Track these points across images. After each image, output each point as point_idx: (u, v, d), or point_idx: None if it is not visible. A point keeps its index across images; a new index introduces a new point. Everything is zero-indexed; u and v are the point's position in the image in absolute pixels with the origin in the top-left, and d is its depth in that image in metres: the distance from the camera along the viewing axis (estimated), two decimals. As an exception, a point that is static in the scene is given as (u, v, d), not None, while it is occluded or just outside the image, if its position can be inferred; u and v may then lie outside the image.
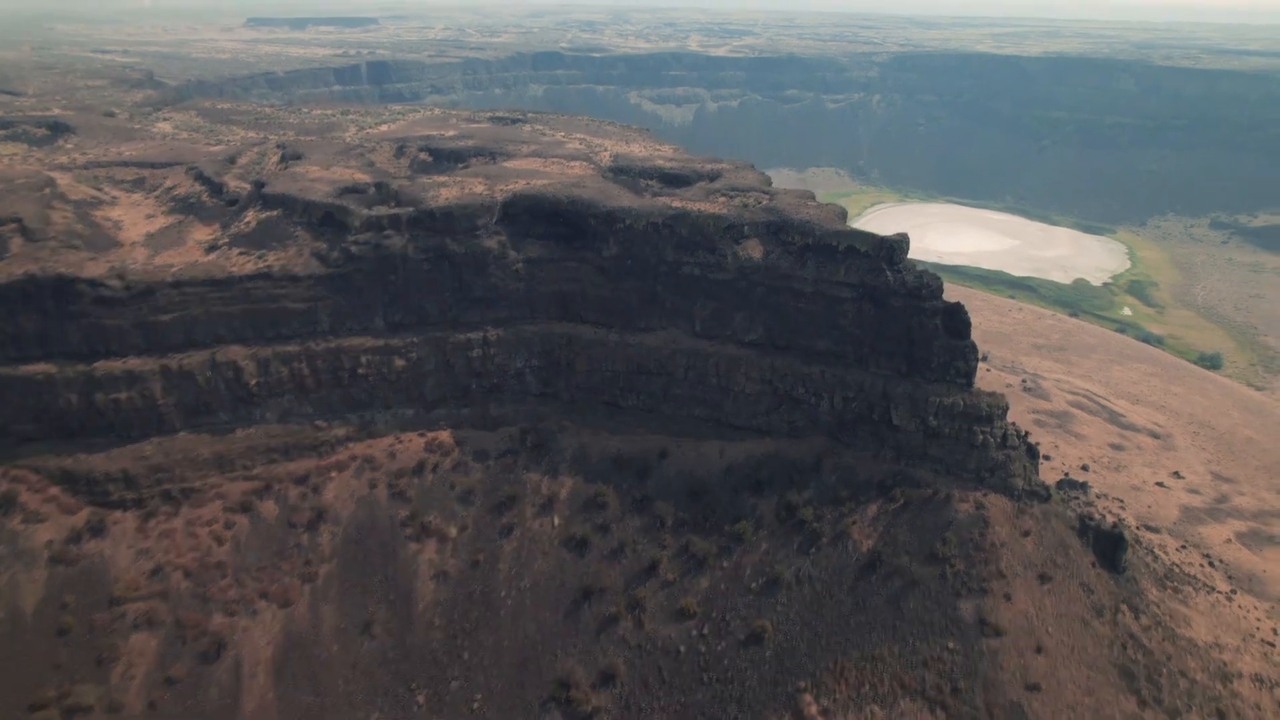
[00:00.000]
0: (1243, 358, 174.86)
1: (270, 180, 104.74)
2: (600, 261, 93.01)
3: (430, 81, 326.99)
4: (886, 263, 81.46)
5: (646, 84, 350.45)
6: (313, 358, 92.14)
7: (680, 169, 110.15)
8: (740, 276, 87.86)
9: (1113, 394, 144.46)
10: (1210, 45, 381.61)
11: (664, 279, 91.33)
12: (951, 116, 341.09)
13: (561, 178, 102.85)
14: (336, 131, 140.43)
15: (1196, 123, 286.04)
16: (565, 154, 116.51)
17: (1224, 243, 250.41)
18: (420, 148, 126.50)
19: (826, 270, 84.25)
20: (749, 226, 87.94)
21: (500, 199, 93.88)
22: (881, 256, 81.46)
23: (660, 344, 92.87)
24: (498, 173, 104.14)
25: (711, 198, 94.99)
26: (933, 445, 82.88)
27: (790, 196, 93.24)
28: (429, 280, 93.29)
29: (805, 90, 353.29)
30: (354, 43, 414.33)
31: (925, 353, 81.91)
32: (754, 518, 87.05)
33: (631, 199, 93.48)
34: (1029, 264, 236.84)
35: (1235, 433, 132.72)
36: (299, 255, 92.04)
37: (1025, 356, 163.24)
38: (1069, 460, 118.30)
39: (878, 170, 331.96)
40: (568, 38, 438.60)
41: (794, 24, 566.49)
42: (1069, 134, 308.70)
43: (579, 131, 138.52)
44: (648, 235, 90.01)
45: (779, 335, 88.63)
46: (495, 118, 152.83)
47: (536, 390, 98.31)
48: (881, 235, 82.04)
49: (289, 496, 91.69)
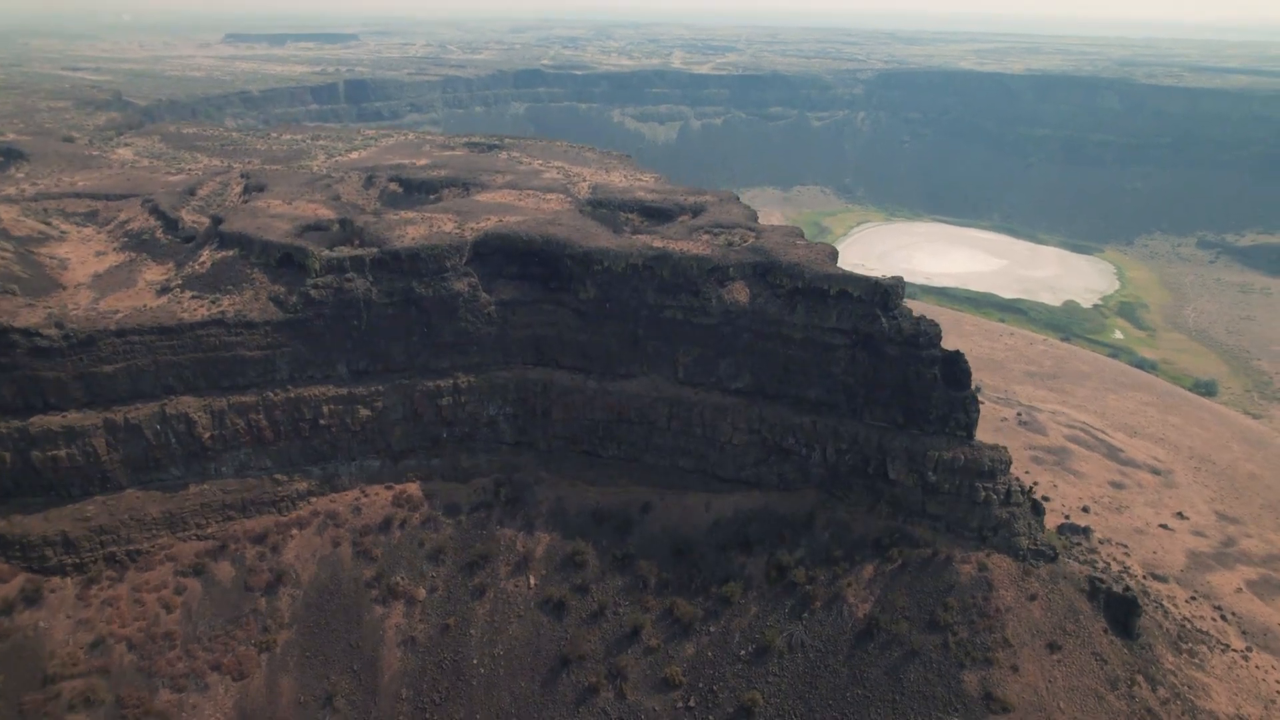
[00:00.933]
0: (1237, 383, 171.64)
1: (229, 216, 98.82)
2: (577, 304, 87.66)
3: (409, 100, 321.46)
4: (881, 308, 76.56)
5: (630, 102, 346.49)
6: (271, 408, 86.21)
7: (661, 201, 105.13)
8: (726, 321, 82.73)
9: (1110, 426, 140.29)
10: (1190, 63, 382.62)
11: (645, 323, 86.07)
12: (937, 133, 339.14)
13: (537, 213, 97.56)
14: (305, 159, 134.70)
15: (1180, 141, 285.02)
16: (541, 185, 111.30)
17: (1211, 262, 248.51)
18: (390, 178, 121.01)
19: (817, 315, 79.23)
20: (734, 268, 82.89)
21: (470, 238, 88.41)
22: (875, 301, 76.56)
23: (641, 391, 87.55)
24: (469, 208, 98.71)
25: (694, 235, 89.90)
26: (932, 501, 77.84)
27: (777, 235, 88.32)
28: (395, 325, 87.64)
29: (790, 108, 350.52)
30: (333, 60, 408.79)
31: (923, 404, 76.97)
32: (742, 578, 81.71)
33: (610, 238, 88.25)
34: (1018, 285, 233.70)
35: (1237, 467, 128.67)
36: (255, 299, 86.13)
37: (1019, 385, 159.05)
38: (1069, 501, 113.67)
39: (863, 188, 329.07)
40: (550, 54, 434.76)
41: (778, 40, 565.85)
42: (1054, 151, 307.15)
43: (557, 159, 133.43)
44: (627, 277, 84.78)
45: (767, 383, 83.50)
46: (471, 143, 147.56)
47: (511, 439, 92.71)
48: (875, 279, 77.16)
49: (246, 557, 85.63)
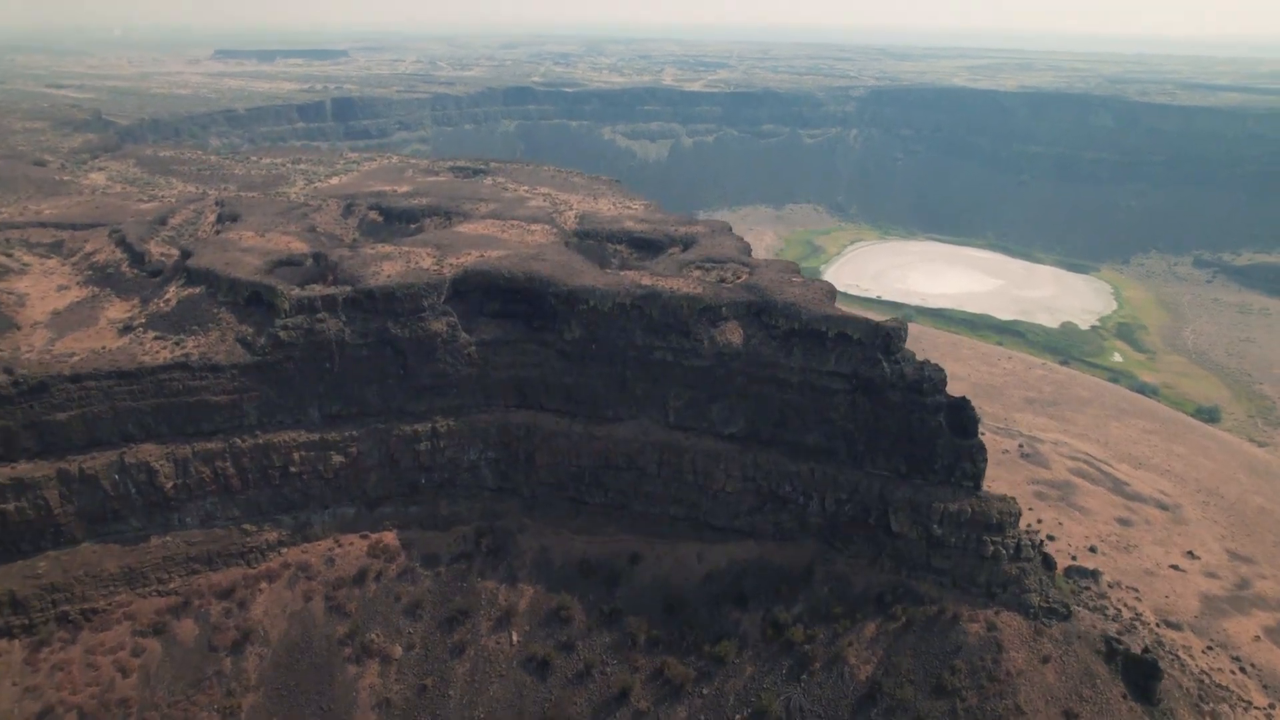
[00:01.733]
0: (1240, 409, 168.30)
1: (198, 250, 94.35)
2: (562, 345, 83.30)
3: (398, 118, 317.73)
4: (882, 352, 72.42)
5: (620, 119, 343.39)
6: (238, 455, 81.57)
7: (651, 232, 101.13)
8: (718, 364, 78.47)
9: (1113, 456, 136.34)
10: (1182, 80, 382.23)
11: (633, 364, 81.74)
12: (930, 151, 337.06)
13: (520, 246, 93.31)
14: (283, 185, 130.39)
15: (1174, 159, 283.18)
16: (526, 215, 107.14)
17: (1209, 281, 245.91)
18: (370, 206, 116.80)
19: (815, 359, 75.04)
20: (727, 307, 78.72)
21: (449, 275, 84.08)
22: (876, 345, 72.43)
23: (630, 436, 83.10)
24: (450, 240, 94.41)
25: (685, 271, 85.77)
26: (937, 555, 73.48)
27: (772, 270, 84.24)
28: (369, 367, 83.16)
29: (782, 125, 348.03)
30: (321, 76, 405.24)
31: (927, 452, 72.70)
32: (737, 635, 77.11)
33: (596, 275, 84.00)
34: (1014, 305, 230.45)
35: (1246, 501, 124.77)
36: (222, 341, 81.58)
37: (1018, 413, 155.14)
38: (1075, 540, 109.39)
39: (856, 206, 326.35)
40: (540, 71, 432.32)
41: (769, 56, 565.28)
42: (1048, 169, 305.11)
43: (544, 184, 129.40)
44: (614, 317, 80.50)
45: (762, 428, 79.17)
46: (456, 168, 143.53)
47: (493, 485, 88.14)
48: (876, 322, 73.06)
49: (211, 614, 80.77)
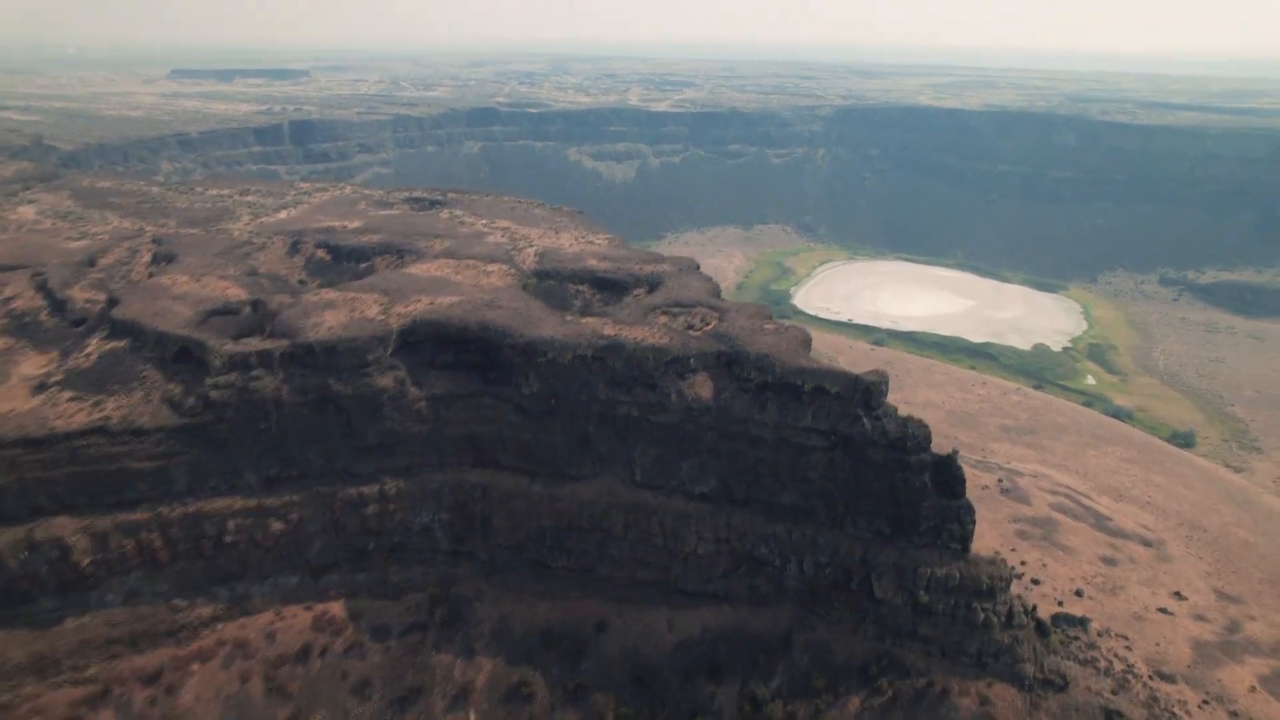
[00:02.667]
0: (1214, 432, 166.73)
1: (125, 297, 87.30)
2: (520, 399, 77.54)
3: (359, 140, 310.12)
4: (863, 407, 67.65)
5: (587, 140, 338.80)
6: (166, 526, 74.67)
7: (614, 271, 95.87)
8: (687, 419, 73.20)
9: (1094, 488, 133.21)
10: (1140, 98, 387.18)
11: (596, 420, 76.21)
12: (897, 170, 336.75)
13: (475, 291, 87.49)
14: (227, 221, 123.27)
15: (1136, 178, 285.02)
16: (483, 253, 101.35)
17: (1175, 300, 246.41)
18: (318, 244, 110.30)
19: (790, 414, 70.09)
20: (696, 359, 73.58)
21: (396, 326, 78.03)
22: (856, 400, 67.66)
23: (594, 496, 77.41)
24: (399, 284, 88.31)
25: (650, 318, 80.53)
26: (924, 623, 68.61)
27: (743, 317, 79.29)
28: (311, 427, 76.69)
29: (749, 145, 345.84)
30: (281, 97, 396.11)
31: (912, 513, 67.95)
32: (711, 712, 71.62)
33: (554, 324, 78.41)
34: (986, 327, 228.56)
35: (1229, 534, 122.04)
36: (146, 402, 74.67)
37: (995, 443, 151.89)
38: (1060, 583, 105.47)
39: (825, 226, 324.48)
40: (505, 91, 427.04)
41: (735, 74, 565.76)
42: (1014, 188, 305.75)
43: (503, 217, 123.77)
44: (575, 370, 74.98)
45: (736, 487, 73.97)
46: (412, 199, 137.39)
47: (447, 549, 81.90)
48: (855, 375, 68.28)
49: (134, 702, 73.57)
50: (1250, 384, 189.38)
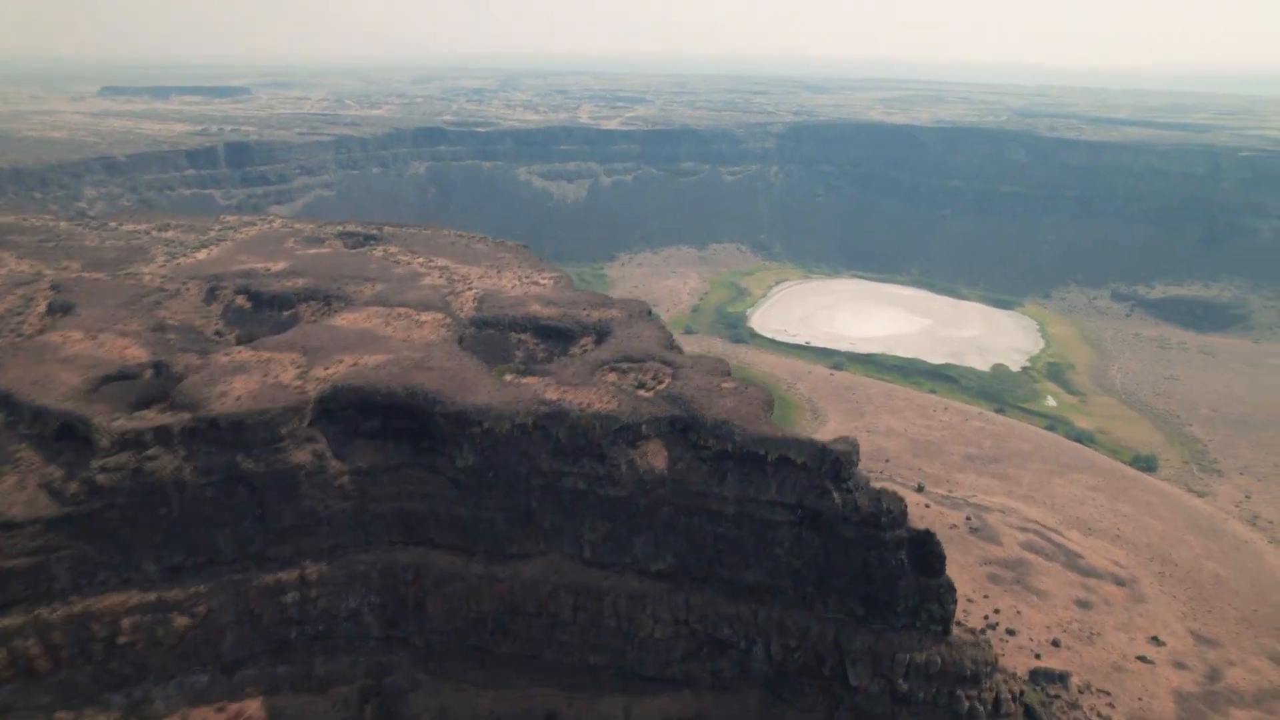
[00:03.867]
0: (1175, 454, 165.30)
1: (4, 360, 77.53)
2: (454, 472, 69.95)
3: (299, 163, 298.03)
4: (831, 479, 61.54)
5: (536, 159, 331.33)
6: (46, 629, 65.37)
7: (560, 319, 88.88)
8: (640, 492, 66.36)
9: (1062, 522, 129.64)
10: (1085, 114, 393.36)
11: (539, 494, 68.96)
12: (851, 186, 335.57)
13: (405, 346, 79.67)
14: (138, 262, 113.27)
15: (1086, 193, 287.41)
16: (417, 299, 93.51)
17: (1127, 315, 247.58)
18: (238, 289, 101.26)
19: (753, 486, 63.68)
20: (648, 424, 66.83)
21: (315, 393, 69.91)
22: (824, 472, 61.53)
23: (539, 576, 70.06)
24: (321, 341, 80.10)
25: (598, 376, 73.64)
26: (904, 712, 62.57)
27: (699, 373, 72.80)
28: (218, 509, 68.10)
29: (701, 162, 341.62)
30: (218, 117, 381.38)
31: (888, 593, 61.96)
32: (675, 816, 64.59)
33: (491, 388, 71.00)
34: (944, 347, 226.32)
35: (1200, 569, 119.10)
36: (20, 489, 65.29)
37: (960, 473, 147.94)
38: (1035, 631, 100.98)
39: (780, 244, 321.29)
40: (453, 109, 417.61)
41: (686, 90, 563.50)
42: (967, 203, 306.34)
43: (442, 254, 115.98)
44: (514, 440, 67.70)
45: (695, 564, 67.31)
46: (345, 234, 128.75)
47: (379, 635, 73.79)
48: (822, 444, 62.16)
49: (12, 836, 63.94)
50: (1206, 402, 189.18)
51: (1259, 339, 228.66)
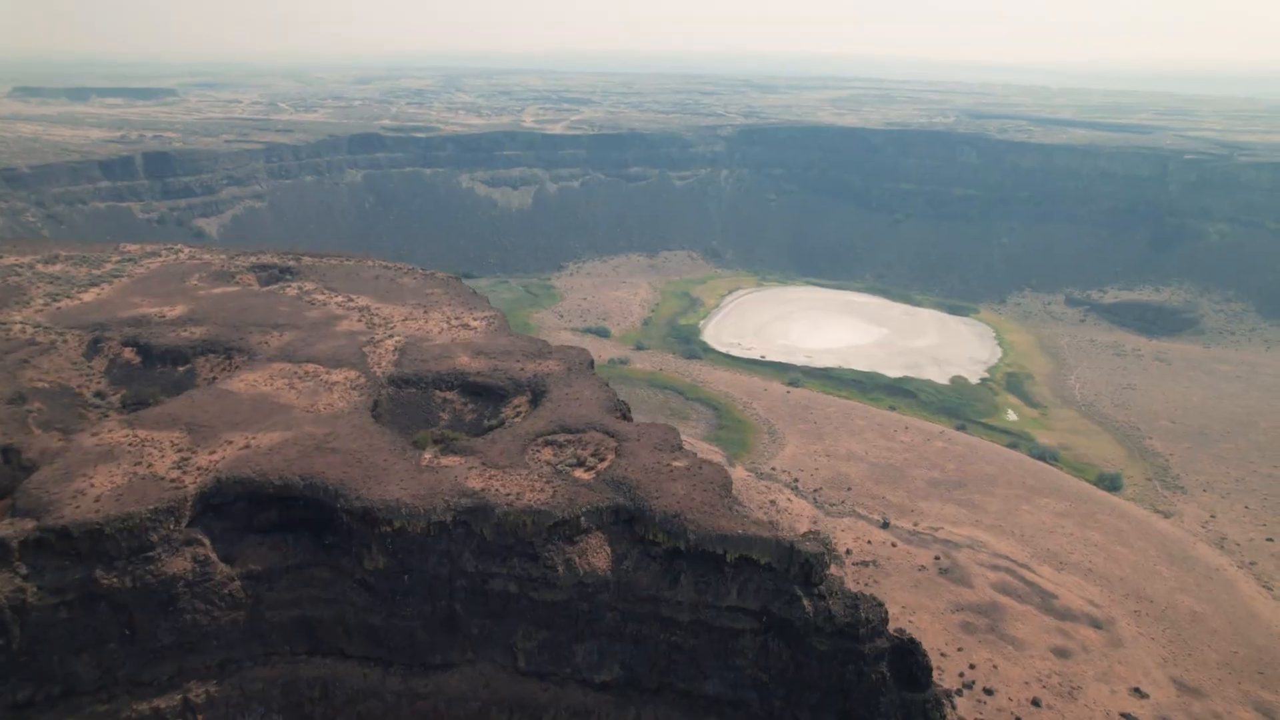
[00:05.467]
0: (1137, 471, 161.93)
1: None
2: (363, 574, 59.84)
3: (226, 172, 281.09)
4: (801, 583, 53.11)
5: (479, 166, 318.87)
6: None
7: (491, 373, 79.06)
8: (580, 596, 57.12)
9: (1033, 556, 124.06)
10: (1031, 114, 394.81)
11: (464, 596, 59.28)
12: (803, 191, 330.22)
13: (308, 418, 69.09)
14: (12, 306, 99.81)
15: (1037, 196, 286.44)
16: (329, 352, 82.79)
17: (1082, 321, 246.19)
18: (126, 340, 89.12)
19: (710, 590, 54.93)
20: (588, 516, 57.56)
21: (194, 488, 59.04)
22: (792, 575, 53.05)
23: (467, 690, 60.34)
24: (210, 413, 69.06)
25: (531, 453, 64.11)
26: (889, 844, 54.42)
27: (646, 447, 63.69)
28: (75, 632, 56.93)
29: (650, 167, 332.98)
30: (140, 121, 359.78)
31: (868, 710, 53.75)
32: None
33: (405, 475, 60.92)
34: (902, 359, 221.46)
35: (1175, 605, 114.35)
36: None
37: (924, 500, 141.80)
38: (1014, 689, 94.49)
39: (732, 251, 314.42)
40: (392, 112, 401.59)
41: (633, 90, 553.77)
42: (920, 207, 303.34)
43: (364, 291, 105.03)
44: (432, 540, 57.87)
45: (646, 675, 58.29)
46: (259, 266, 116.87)
47: (282, 760, 63.20)
48: (789, 543, 53.59)
49: None
50: (1164, 413, 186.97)
51: (1210, 343, 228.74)
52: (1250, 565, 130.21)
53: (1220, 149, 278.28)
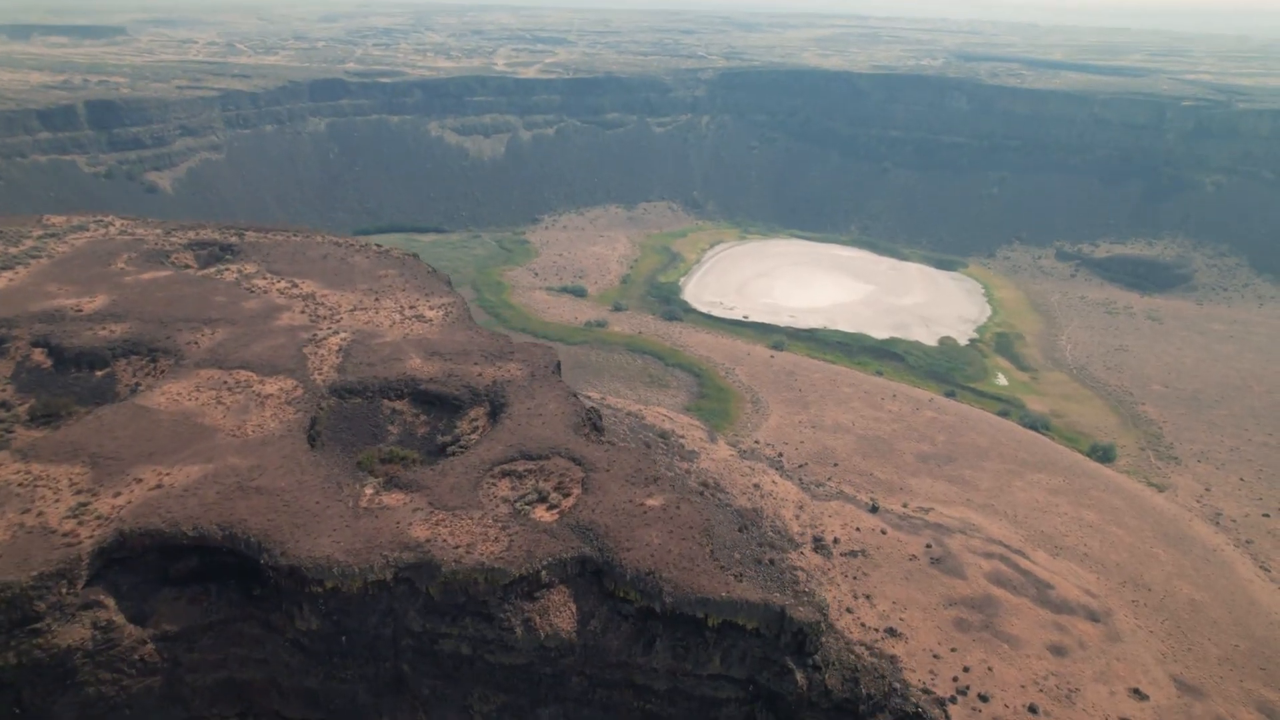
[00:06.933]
0: (1130, 439, 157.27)
1: None
2: (295, 634, 52.50)
3: (179, 122, 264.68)
4: (793, 653, 46.40)
5: (449, 112, 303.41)
6: None
7: (445, 380, 70.81)
8: (542, 660, 50.17)
9: (1027, 540, 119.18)
10: (1022, 56, 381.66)
11: (412, 656, 52.22)
12: (786, 138, 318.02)
13: (236, 441, 60.79)
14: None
15: (1030, 144, 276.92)
16: (264, 354, 74.01)
17: (1073, 276, 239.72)
18: (36, 340, 79.63)
19: (690, 658, 48.12)
20: (549, 570, 50.23)
21: (92, 543, 50.99)
22: (783, 644, 46.22)
23: (418, 757, 53.84)
24: (120, 440, 60.54)
25: (486, 486, 56.41)
26: None
27: (617, 481, 56.10)
28: (-42, 710, 49.51)
29: (628, 113, 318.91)
30: (85, 64, 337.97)
31: (867, 789, 47.63)
32: None
33: (339, 521, 53.09)
34: (889, 318, 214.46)
35: (1173, 593, 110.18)
36: None
37: (914, 477, 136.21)
38: (1009, 693, 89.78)
39: (713, 202, 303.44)
40: (357, 55, 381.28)
41: (610, 29, 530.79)
42: (908, 155, 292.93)
43: (310, 274, 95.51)
44: (372, 600, 50.42)
45: (618, 742, 51.84)
46: (197, 243, 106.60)
47: (215, 829, 56.74)
48: (780, 608, 46.66)
49: None
50: (1157, 377, 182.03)
51: (1202, 300, 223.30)
52: (1247, 544, 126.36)
53: (1218, 94, 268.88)
